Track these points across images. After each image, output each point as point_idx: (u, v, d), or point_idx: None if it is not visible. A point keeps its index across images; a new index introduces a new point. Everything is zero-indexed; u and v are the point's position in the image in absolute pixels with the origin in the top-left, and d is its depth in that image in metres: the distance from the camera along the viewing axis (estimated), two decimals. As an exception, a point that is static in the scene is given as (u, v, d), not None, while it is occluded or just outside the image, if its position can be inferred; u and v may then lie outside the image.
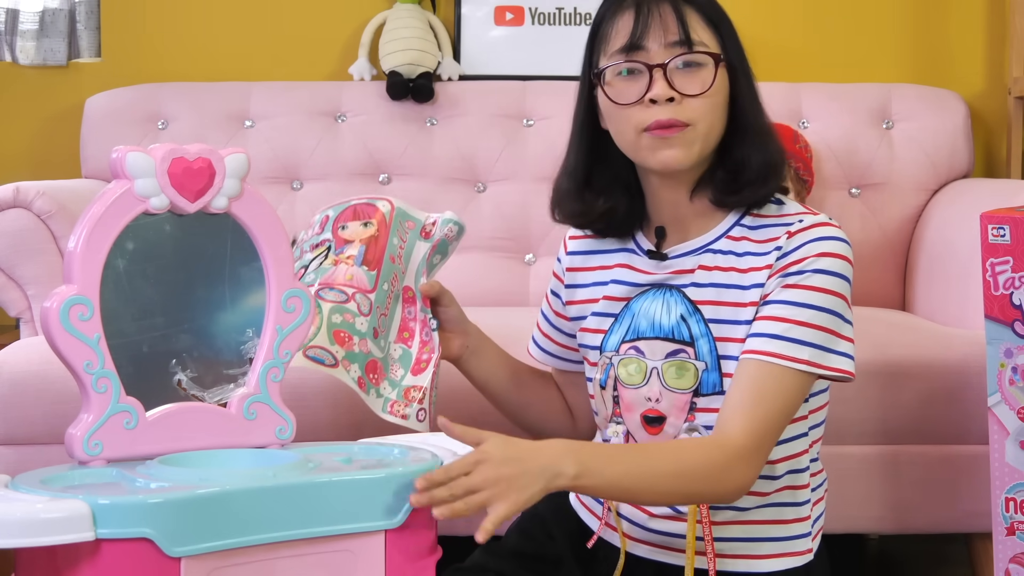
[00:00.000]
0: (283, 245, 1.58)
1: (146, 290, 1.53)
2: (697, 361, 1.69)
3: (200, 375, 1.56)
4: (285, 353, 1.59)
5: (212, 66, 3.16)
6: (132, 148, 1.48)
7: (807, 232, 1.67)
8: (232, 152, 1.54)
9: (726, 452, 1.61)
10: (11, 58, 3.16)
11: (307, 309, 1.59)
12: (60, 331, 1.44)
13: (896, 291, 2.91)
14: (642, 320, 1.74)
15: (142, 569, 1.32)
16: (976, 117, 3.07)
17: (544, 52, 3.15)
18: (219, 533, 1.36)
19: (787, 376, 1.63)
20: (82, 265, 1.45)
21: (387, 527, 1.45)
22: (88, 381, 1.46)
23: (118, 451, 1.48)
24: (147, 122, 3.00)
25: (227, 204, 1.53)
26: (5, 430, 2.26)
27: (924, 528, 2.35)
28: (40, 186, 2.51)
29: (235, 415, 1.56)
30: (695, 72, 1.67)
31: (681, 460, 1.61)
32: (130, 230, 1.49)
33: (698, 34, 1.67)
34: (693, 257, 1.72)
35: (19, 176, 2.76)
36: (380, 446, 1.61)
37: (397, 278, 1.83)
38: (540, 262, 2.94)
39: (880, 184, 2.94)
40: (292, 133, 3.00)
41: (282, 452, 1.56)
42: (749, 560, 1.72)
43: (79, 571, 1.33)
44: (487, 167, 2.99)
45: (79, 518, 1.30)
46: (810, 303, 1.64)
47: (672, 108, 1.66)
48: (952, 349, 2.31)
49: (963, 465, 2.29)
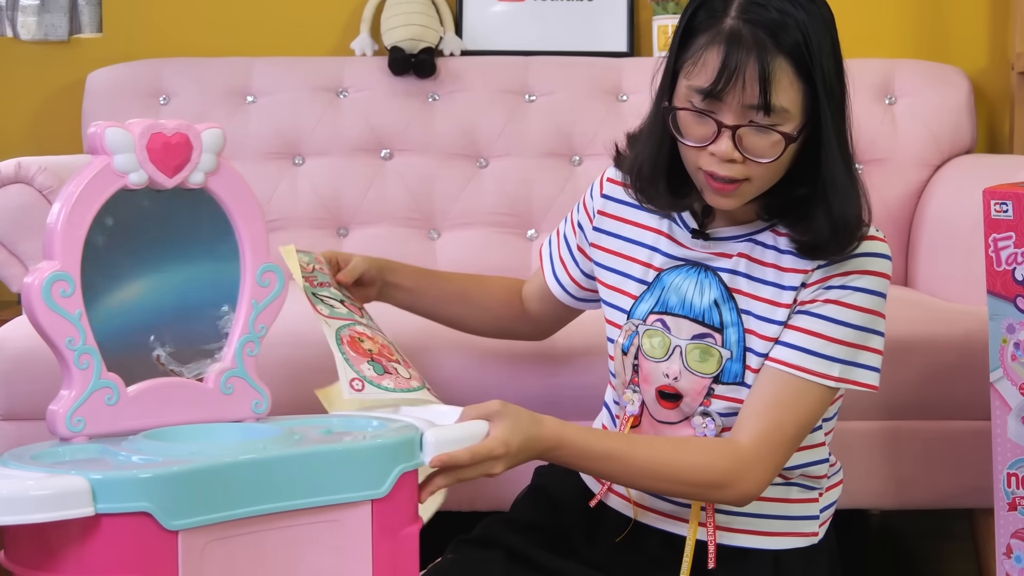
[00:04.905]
0: (258, 220, 1.59)
1: (125, 266, 1.53)
2: (723, 348, 1.69)
3: (178, 350, 1.56)
4: (260, 327, 1.60)
5: (214, 41, 3.16)
6: (111, 124, 1.48)
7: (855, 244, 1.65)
8: (208, 127, 1.54)
9: (733, 460, 1.62)
10: (12, 33, 3.15)
11: (281, 283, 1.60)
12: (42, 307, 1.43)
13: (898, 267, 2.90)
14: (672, 295, 1.72)
15: (141, 543, 1.32)
16: (979, 93, 3.07)
17: (546, 27, 3.14)
18: (214, 506, 1.37)
19: (813, 391, 1.64)
20: (63, 241, 1.45)
21: (373, 497, 1.46)
22: (70, 357, 1.45)
23: (100, 427, 1.48)
24: (149, 97, 3.00)
25: (204, 179, 1.54)
26: (7, 405, 2.26)
27: (926, 503, 2.35)
28: (42, 162, 2.51)
29: (212, 389, 1.57)
30: (766, 136, 1.58)
31: (683, 461, 1.63)
32: (109, 206, 1.48)
33: (780, 98, 1.55)
34: (736, 243, 1.70)
35: (21, 152, 2.75)
36: (357, 418, 1.62)
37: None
38: (542, 238, 2.94)
39: (883, 160, 2.93)
40: (294, 109, 2.99)
41: (266, 425, 1.57)
42: (752, 535, 1.73)
43: (80, 547, 1.32)
44: (489, 142, 2.98)
45: (78, 494, 1.30)
46: (846, 321, 1.64)
47: (733, 167, 1.59)
48: (954, 325, 2.31)
49: (965, 441, 2.30)
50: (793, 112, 1.58)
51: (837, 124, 1.61)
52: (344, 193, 2.95)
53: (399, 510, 1.48)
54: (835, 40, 1.62)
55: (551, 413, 2.15)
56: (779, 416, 1.64)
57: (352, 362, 1.66)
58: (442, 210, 2.96)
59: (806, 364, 1.64)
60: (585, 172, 2.94)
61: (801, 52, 1.56)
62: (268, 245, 1.60)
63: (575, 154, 2.97)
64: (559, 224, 1.95)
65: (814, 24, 1.57)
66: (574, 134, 2.97)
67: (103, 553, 1.32)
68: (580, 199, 1.89)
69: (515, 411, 1.56)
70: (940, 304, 2.51)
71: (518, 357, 2.22)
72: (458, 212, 2.95)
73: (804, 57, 1.56)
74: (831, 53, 1.60)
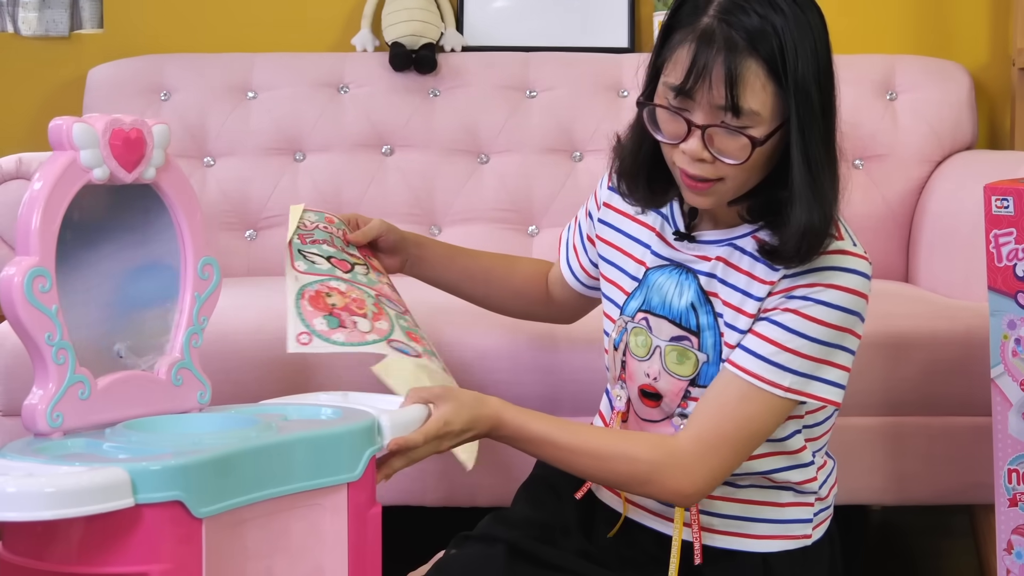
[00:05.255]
0: (197, 214, 1.62)
1: (88, 261, 1.55)
2: (699, 352, 1.69)
3: (135, 343, 1.59)
4: (203, 319, 1.63)
5: (215, 37, 3.16)
6: (75, 119, 1.50)
7: (826, 258, 1.62)
8: (156, 123, 1.56)
9: (663, 455, 1.63)
10: (13, 29, 3.15)
11: (218, 275, 1.64)
12: (23, 302, 1.44)
13: (899, 263, 2.90)
14: (655, 294, 1.73)
15: (172, 531, 1.35)
16: (980, 89, 3.06)
17: (547, 23, 3.14)
18: (232, 492, 1.40)
19: (759, 397, 1.62)
20: (40, 237, 1.45)
21: (349, 480, 1.51)
22: (48, 353, 1.47)
23: (75, 421, 1.49)
24: (150, 93, 3.00)
25: (155, 174, 1.56)
26: (7, 401, 2.27)
27: (927, 499, 2.35)
28: (43, 158, 2.49)
29: (165, 381, 1.59)
30: (735, 138, 1.56)
31: (613, 451, 1.64)
32: (74, 202, 1.49)
33: (749, 101, 1.54)
34: (717, 247, 1.69)
35: (22, 147, 2.75)
36: (308, 406, 1.65)
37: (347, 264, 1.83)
38: (543, 233, 2.94)
39: (883, 156, 2.93)
40: (295, 104, 2.99)
41: (236, 414, 1.60)
42: (740, 538, 1.73)
43: (114, 538, 1.34)
44: (490, 138, 2.98)
45: (119, 485, 1.31)
46: (804, 332, 1.61)
47: (703, 166, 1.59)
48: (955, 321, 2.31)
49: (966, 436, 2.30)
50: (764, 116, 1.56)
51: (809, 131, 1.57)
52: (345, 189, 2.95)
53: (368, 492, 1.54)
54: (820, 45, 1.59)
55: (553, 401, 2.16)
56: (719, 417, 1.63)
57: (305, 316, 1.66)
58: (443, 206, 2.96)
59: (755, 369, 1.62)
60: (586, 168, 2.94)
61: (774, 57, 1.54)
62: (207, 238, 1.63)
63: (576, 150, 2.97)
64: (577, 211, 1.96)
65: (795, 29, 1.55)
66: (575, 130, 2.97)
67: (139, 543, 1.34)
68: (593, 189, 1.90)
69: (458, 393, 1.61)
70: (941, 300, 2.51)
71: (520, 344, 2.24)
72: (459, 208, 2.95)
73: (777, 62, 1.54)
74: (812, 59, 1.57)
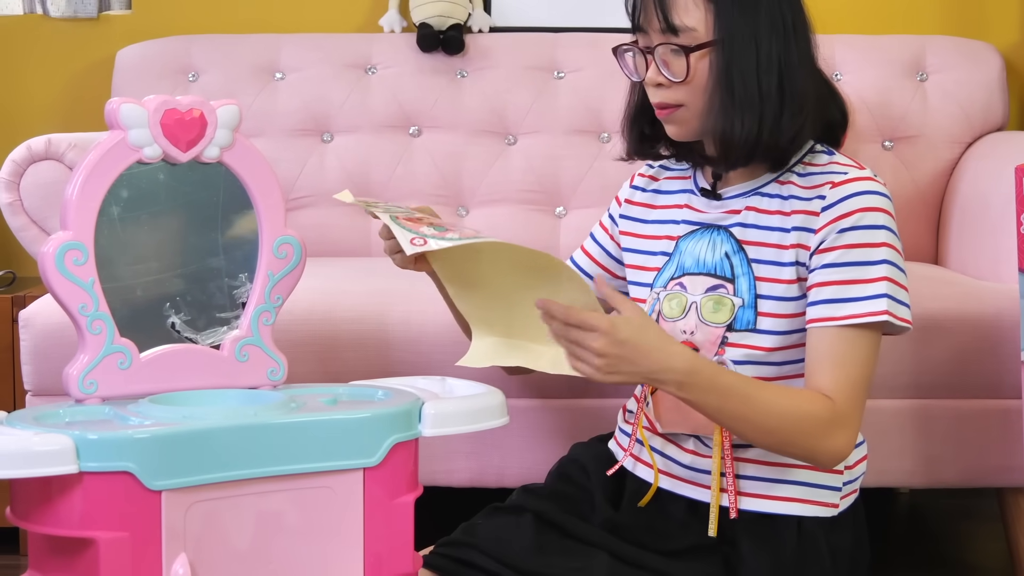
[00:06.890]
0: (274, 193, 1.65)
1: (141, 236, 1.60)
2: (735, 297, 1.73)
3: (193, 318, 1.63)
4: (276, 298, 1.67)
5: (242, 18, 3.16)
6: (126, 100, 1.55)
7: (851, 185, 1.69)
8: (224, 104, 1.60)
9: (831, 412, 1.65)
10: (42, 10, 3.16)
11: (298, 255, 1.68)
12: (56, 275, 1.52)
13: (929, 244, 2.89)
14: (688, 258, 1.78)
15: (124, 501, 1.41)
16: (1011, 69, 3.04)
17: (575, 4, 3.13)
18: (198, 468, 1.44)
19: (863, 336, 1.66)
20: (77, 212, 1.53)
21: (365, 465, 1.53)
22: (83, 323, 1.54)
23: (113, 390, 1.56)
24: (177, 74, 3.00)
25: (219, 154, 1.61)
26: (37, 381, 2.28)
27: (955, 482, 2.34)
28: (72, 138, 2.52)
29: (227, 357, 1.64)
30: (680, 58, 1.70)
31: (792, 406, 1.64)
32: (124, 179, 1.56)
33: (681, 17, 1.69)
34: (744, 199, 1.76)
35: (51, 128, 2.76)
36: (366, 388, 1.68)
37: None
38: (571, 215, 2.94)
39: (914, 137, 2.92)
40: (322, 85, 2.99)
41: (269, 393, 1.63)
42: (770, 500, 1.75)
43: (67, 502, 1.41)
44: (517, 119, 2.98)
45: (63, 452, 1.38)
46: (870, 259, 1.67)
47: (663, 91, 1.72)
48: (985, 303, 2.30)
49: (995, 419, 2.29)
50: (701, 31, 1.69)
51: (746, 42, 1.68)
52: (372, 170, 2.95)
53: (393, 479, 1.56)
54: None
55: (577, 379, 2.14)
56: (847, 368, 1.66)
57: (411, 227, 1.69)
58: (470, 187, 2.96)
59: (847, 311, 1.66)
60: (613, 149, 2.93)
61: None
62: (285, 218, 1.66)
63: (603, 131, 2.97)
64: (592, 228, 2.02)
65: None
66: (603, 111, 2.96)
67: (88, 509, 1.40)
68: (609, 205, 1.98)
69: (641, 319, 1.60)
70: (971, 282, 2.50)
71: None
72: (486, 189, 2.95)
73: None
74: None
